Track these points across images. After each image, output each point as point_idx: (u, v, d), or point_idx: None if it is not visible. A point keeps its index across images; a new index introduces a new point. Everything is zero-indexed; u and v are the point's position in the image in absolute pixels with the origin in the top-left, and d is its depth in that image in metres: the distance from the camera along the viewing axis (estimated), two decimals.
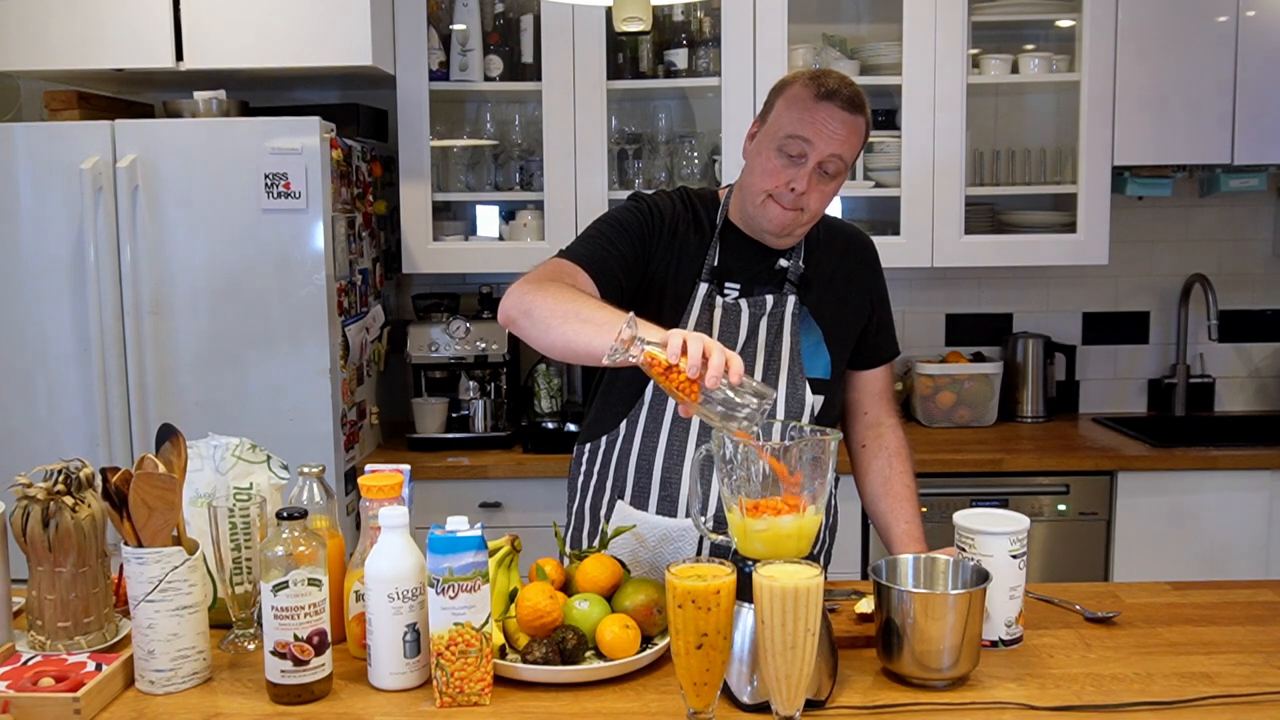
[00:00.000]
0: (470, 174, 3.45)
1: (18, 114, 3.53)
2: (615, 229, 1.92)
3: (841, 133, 1.82)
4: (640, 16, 1.76)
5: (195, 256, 2.85)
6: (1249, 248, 3.67)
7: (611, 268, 1.86)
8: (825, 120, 1.81)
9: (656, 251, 1.92)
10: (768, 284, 1.95)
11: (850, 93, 1.83)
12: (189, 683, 1.52)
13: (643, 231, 1.92)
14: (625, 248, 1.89)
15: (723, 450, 1.46)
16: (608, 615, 1.58)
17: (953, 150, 3.24)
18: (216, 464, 1.72)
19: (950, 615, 1.48)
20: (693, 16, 3.31)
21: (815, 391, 1.94)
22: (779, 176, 1.84)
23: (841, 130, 1.82)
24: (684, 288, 1.92)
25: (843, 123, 1.82)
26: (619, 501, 1.96)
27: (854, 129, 1.83)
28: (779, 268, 1.95)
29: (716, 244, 1.95)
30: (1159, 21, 3.20)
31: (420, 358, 3.30)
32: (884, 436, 2.06)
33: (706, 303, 1.92)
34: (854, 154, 1.87)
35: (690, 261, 1.93)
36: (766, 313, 1.92)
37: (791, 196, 1.84)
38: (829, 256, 2.00)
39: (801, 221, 1.89)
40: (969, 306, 3.69)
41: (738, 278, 1.94)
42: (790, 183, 1.83)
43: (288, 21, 2.93)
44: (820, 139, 1.81)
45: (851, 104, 1.83)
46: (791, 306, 1.93)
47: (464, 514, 1.50)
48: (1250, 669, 1.56)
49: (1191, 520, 3.08)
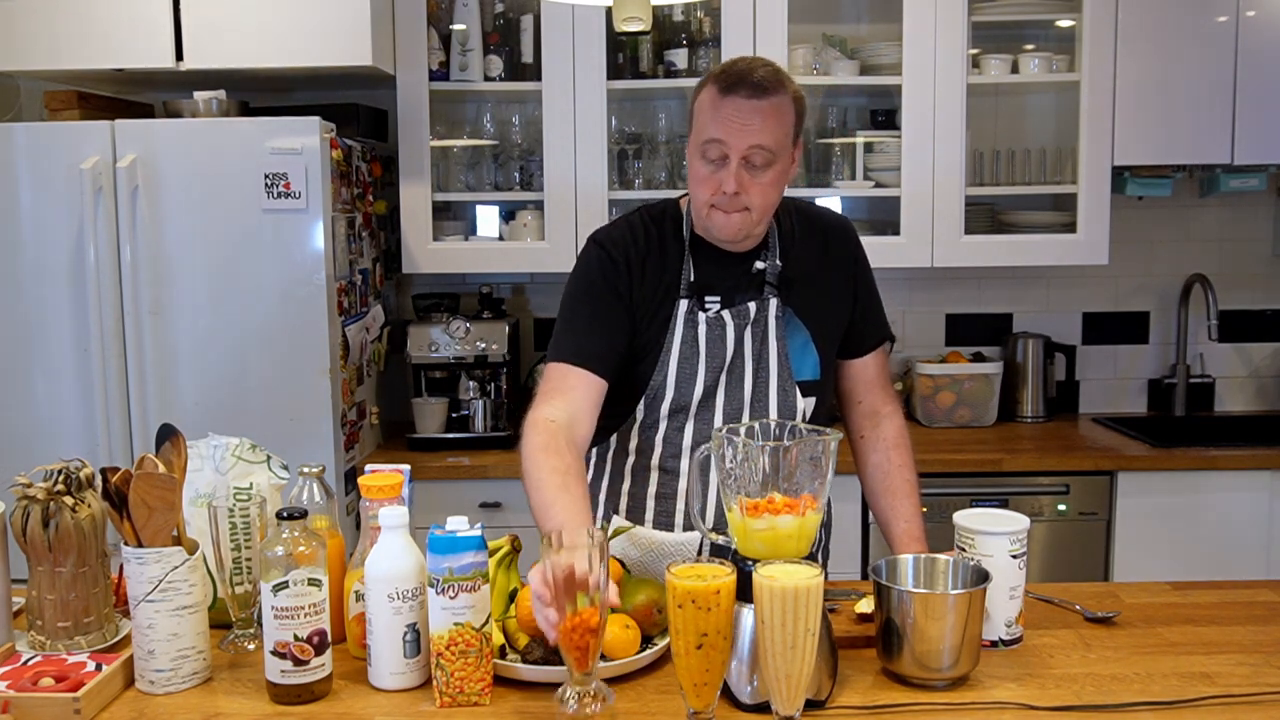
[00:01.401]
0: (470, 174, 3.45)
1: (18, 114, 3.53)
2: (588, 300, 1.89)
3: (755, 123, 1.74)
4: (640, 16, 1.76)
5: (195, 256, 2.85)
6: (1249, 248, 3.67)
7: (598, 348, 1.84)
8: (732, 116, 1.74)
9: (631, 287, 1.88)
10: (748, 290, 1.90)
11: (757, 78, 1.75)
12: (189, 683, 1.52)
13: (612, 283, 1.88)
14: (605, 311, 1.87)
15: (722, 451, 1.46)
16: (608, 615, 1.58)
17: (953, 150, 3.24)
18: (216, 464, 1.72)
19: (950, 615, 1.48)
20: (693, 16, 3.31)
21: (805, 394, 1.92)
22: (709, 184, 1.79)
23: (755, 120, 1.74)
24: (664, 309, 1.88)
25: (754, 112, 1.74)
26: (614, 515, 1.96)
27: (767, 114, 1.75)
28: (756, 270, 1.90)
29: (689, 259, 1.90)
30: (1159, 21, 3.20)
31: (420, 358, 3.30)
32: (881, 426, 2.02)
33: (689, 320, 1.88)
34: (779, 139, 1.77)
35: (665, 282, 1.89)
36: (750, 321, 1.89)
37: (727, 199, 1.78)
38: (807, 251, 1.94)
39: (753, 221, 1.82)
40: (969, 306, 3.69)
41: (717, 289, 1.89)
42: (720, 187, 1.77)
43: (288, 21, 2.93)
44: (732, 136, 1.75)
45: (758, 89, 1.74)
46: (774, 310, 1.89)
47: (464, 514, 1.50)
48: (1250, 669, 1.56)
49: (1191, 520, 3.08)
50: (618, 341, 1.86)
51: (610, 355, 1.85)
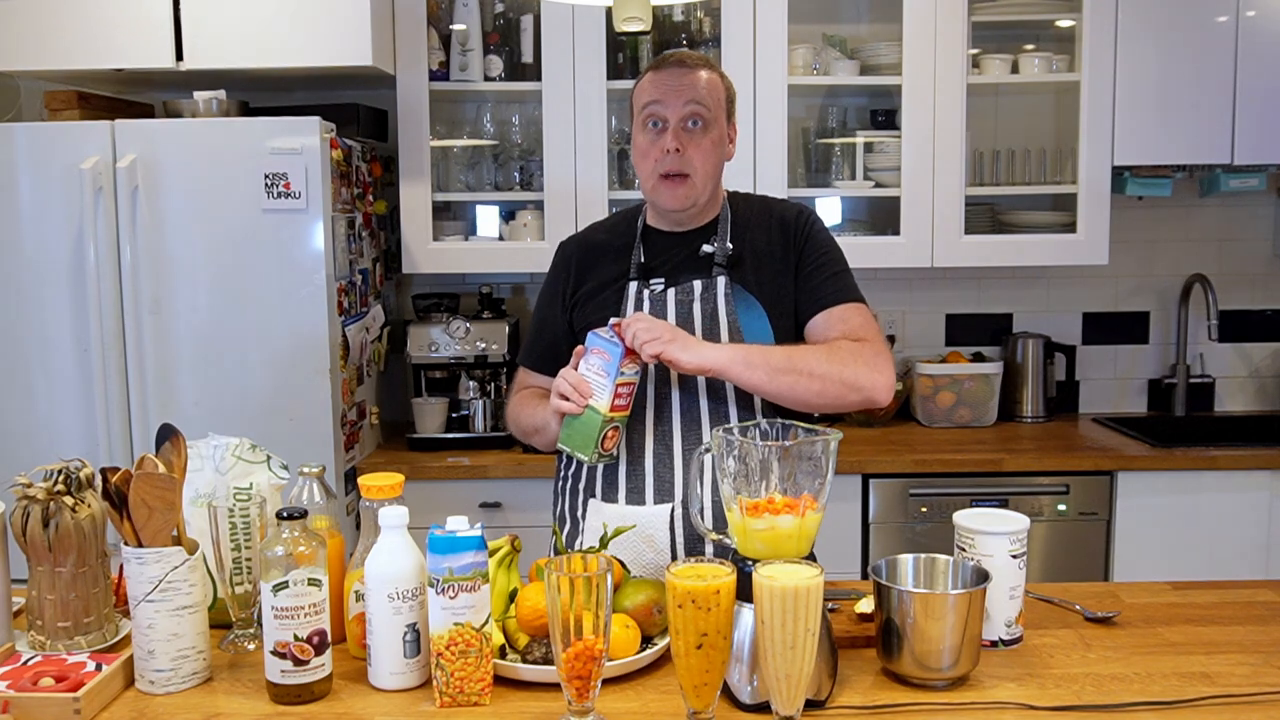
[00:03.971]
0: (470, 174, 3.45)
1: (18, 114, 3.53)
2: (539, 306, 2.12)
3: (687, 82, 1.90)
4: (640, 16, 1.76)
5: (195, 256, 2.85)
6: (1249, 248, 3.67)
7: (545, 350, 2.07)
8: (666, 80, 1.91)
9: (575, 282, 2.04)
10: (693, 271, 1.97)
11: (685, 55, 1.96)
12: (189, 683, 1.52)
13: (555, 285, 2.08)
14: (547, 314, 2.08)
15: (723, 450, 1.46)
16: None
17: (953, 150, 3.24)
18: (216, 464, 1.72)
19: (950, 615, 1.48)
20: (693, 16, 3.31)
21: None
22: (652, 152, 1.91)
23: (686, 81, 1.90)
24: (615, 294, 1.99)
25: (687, 77, 1.90)
26: (591, 500, 1.96)
27: (699, 82, 1.91)
28: (704, 254, 1.97)
29: (639, 246, 2.01)
30: (1159, 21, 3.20)
31: (420, 358, 3.30)
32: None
33: (636, 299, 1.97)
34: (715, 103, 1.92)
35: (616, 268, 2.02)
36: (696, 297, 1.94)
37: (672, 159, 1.89)
38: (760, 233, 1.99)
39: (696, 188, 1.93)
40: (969, 306, 3.69)
41: (660, 271, 1.99)
42: (664, 149, 1.89)
43: (288, 21, 2.93)
44: (669, 96, 1.89)
45: (686, 63, 1.93)
46: (723, 288, 1.94)
47: (464, 514, 1.50)
48: (1250, 669, 1.56)
49: (1191, 520, 3.08)
50: (558, 340, 2.04)
51: (553, 354, 2.02)
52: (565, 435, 1.84)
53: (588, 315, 1.99)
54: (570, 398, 1.81)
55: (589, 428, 1.79)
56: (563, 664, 1.35)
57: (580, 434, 1.81)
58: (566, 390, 1.81)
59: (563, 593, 1.33)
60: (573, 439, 1.82)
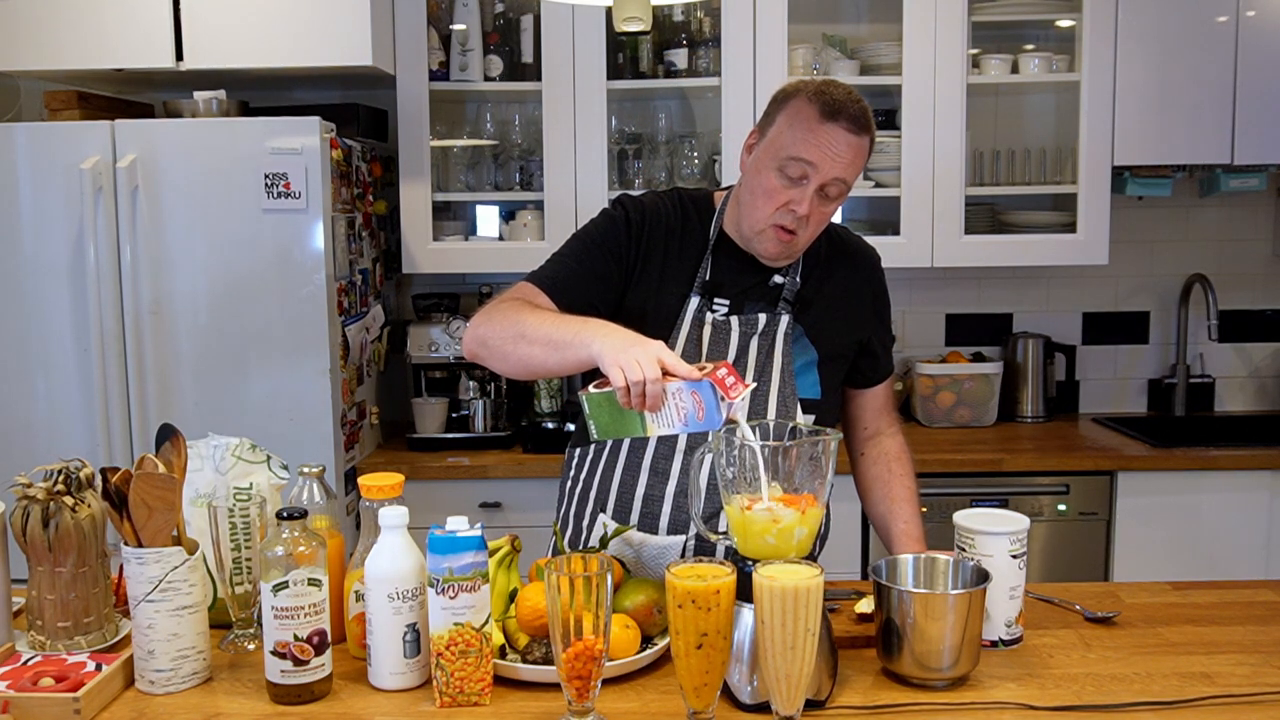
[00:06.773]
0: (470, 174, 3.45)
1: (18, 114, 3.53)
2: (586, 246, 1.88)
3: (846, 156, 1.73)
4: (640, 16, 1.76)
5: (195, 256, 2.85)
6: (1249, 248, 3.67)
7: (578, 286, 1.82)
8: (829, 143, 1.72)
9: (639, 259, 1.87)
10: (760, 301, 1.88)
11: (857, 110, 1.73)
12: (189, 683, 1.52)
13: (620, 242, 1.86)
14: (597, 263, 1.85)
15: (722, 450, 1.46)
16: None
17: (953, 150, 3.24)
18: (216, 464, 1.72)
19: (950, 615, 1.48)
20: (693, 16, 3.31)
21: (806, 411, 1.90)
22: (778, 197, 1.76)
23: (847, 154, 1.73)
24: (671, 301, 1.86)
25: (848, 145, 1.73)
26: (600, 514, 1.94)
27: (859, 151, 1.75)
28: (774, 284, 1.88)
29: (710, 256, 1.88)
30: (1159, 21, 3.20)
31: (420, 358, 3.30)
32: (883, 444, 2.03)
33: (696, 319, 1.86)
34: (856, 176, 1.78)
35: (680, 272, 1.87)
36: (758, 332, 1.87)
37: (792, 218, 1.76)
38: (832, 274, 1.93)
39: (799, 245, 1.83)
40: (969, 306, 3.69)
41: (727, 293, 1.87)
42: (790, 204, 1.75)
43: (288, 21, 2.93)
44: (824, 163, 1.72)
45: (858, 123, 1.73)
46: (784, 326, 1.87)
47: (464, 514, 1.50)
48: (1250, 669, 1.57)
49: (1191, 520, 3.08)
50: (599, 293, 1.84)
51: (580, 297, 1.81)
52: (604, 426, 1.64)
53: (632, 315, 1.81)
54: (634, 404, 1.55)
55: (630, 427, 1.63)
56: (563, 664, 1.35)
57: (619, 426, 1.64)
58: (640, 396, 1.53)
59: (563, 593, 1.33)
60: (610, 431, 1.65)
